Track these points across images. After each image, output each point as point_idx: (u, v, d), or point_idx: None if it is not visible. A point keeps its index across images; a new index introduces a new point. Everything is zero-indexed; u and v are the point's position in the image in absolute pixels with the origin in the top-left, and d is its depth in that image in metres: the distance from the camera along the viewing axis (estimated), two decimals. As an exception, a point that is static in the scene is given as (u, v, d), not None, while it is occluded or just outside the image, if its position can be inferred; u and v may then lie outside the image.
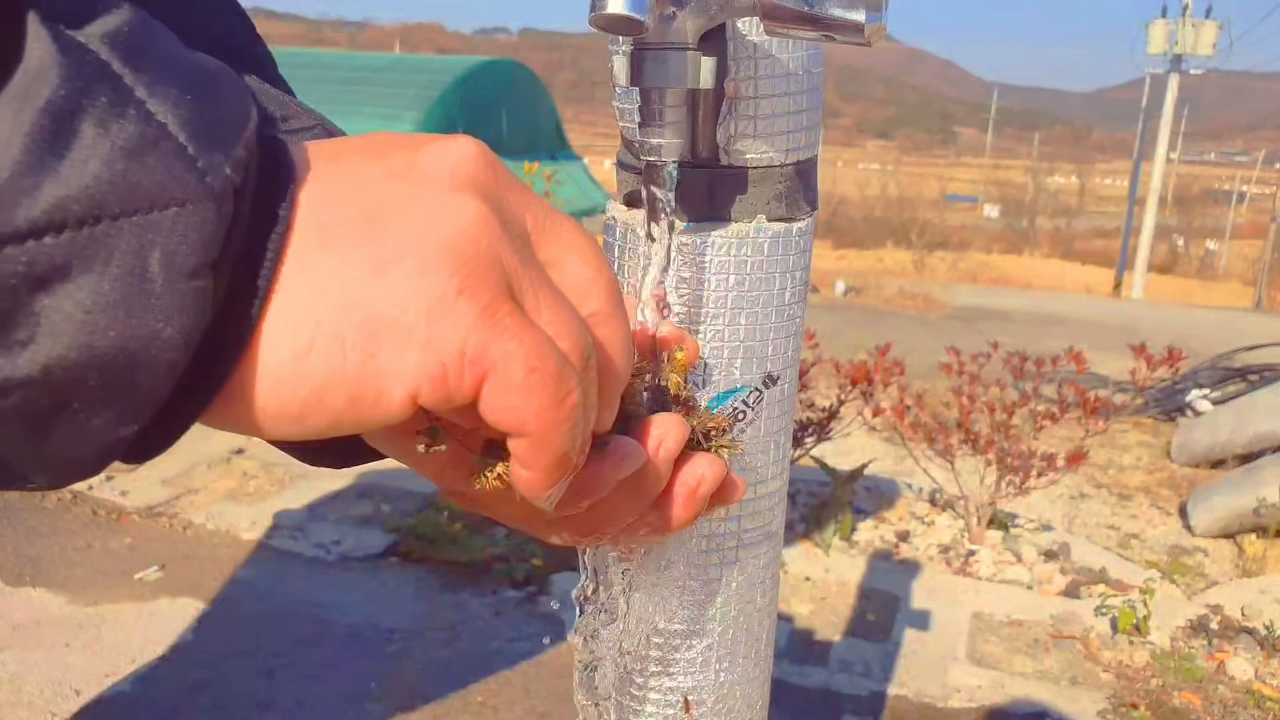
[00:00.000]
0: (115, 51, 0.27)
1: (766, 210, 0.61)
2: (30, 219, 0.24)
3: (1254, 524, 3.47)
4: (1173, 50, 21.99)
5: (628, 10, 0.46)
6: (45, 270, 0.25)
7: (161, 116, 0.27)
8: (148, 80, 0.27)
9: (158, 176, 0.26)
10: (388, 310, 0.30)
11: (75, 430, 0.27)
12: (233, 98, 0.30)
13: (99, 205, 0.25)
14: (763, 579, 0.69)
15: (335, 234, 0.31)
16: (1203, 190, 58.19)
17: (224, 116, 0.29)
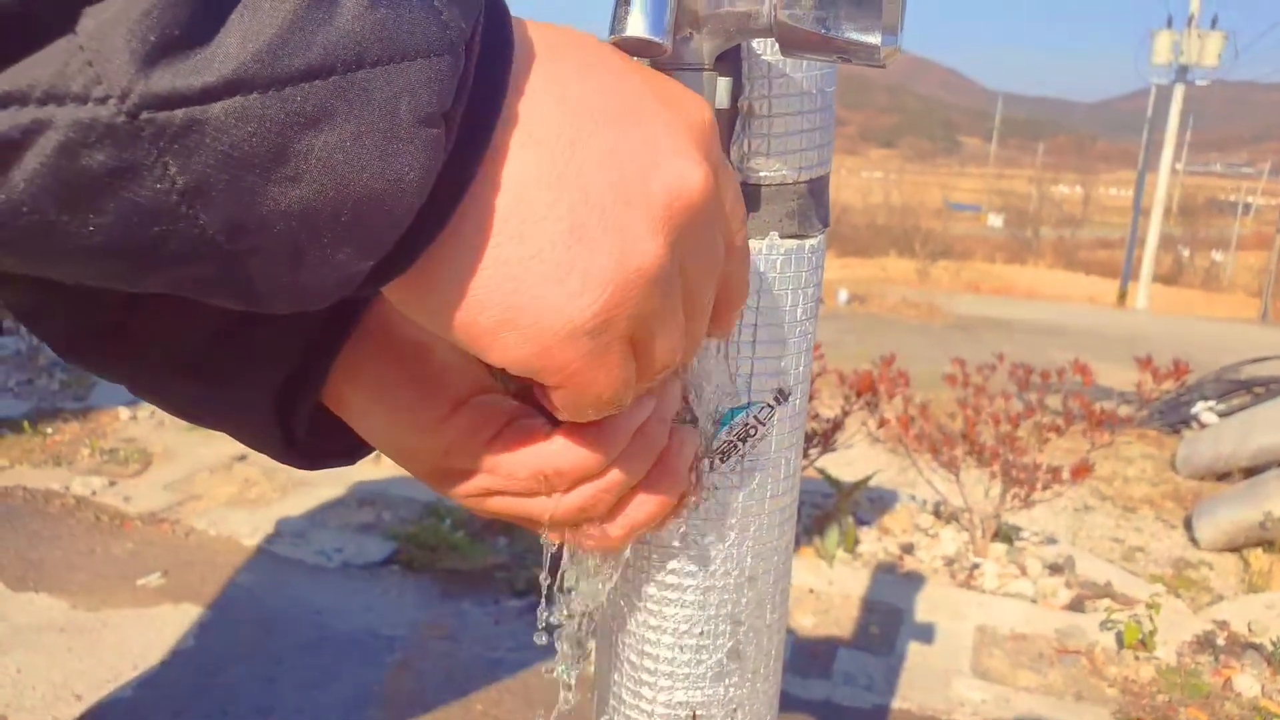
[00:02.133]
0: None
1: (779, 227, 0.61)
2: (307, 62, 0.26)
3: (1260, 538, 3.46)
4: (1178, 61, 22.00)
5: (647, 33, 0.46)
6: (315, 111, 0.27)
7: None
8: None
9: (410, 27, 0.28)
10: (531, 311, 0.33)
11: (323, 261, 0.29)
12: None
13: (361, 54, 0.27)
14: (773, 594, 0.69)
15: (565, 150, 0.33)
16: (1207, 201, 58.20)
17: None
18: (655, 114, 0.35)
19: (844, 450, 3.47)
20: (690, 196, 0.34)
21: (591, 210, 0.33)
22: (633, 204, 0.33)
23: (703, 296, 0.39)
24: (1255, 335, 10.34)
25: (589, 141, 0.33)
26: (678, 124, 0.36)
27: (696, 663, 0.67)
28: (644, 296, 0.34)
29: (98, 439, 3.67)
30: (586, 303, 0.33)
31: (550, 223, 0.32)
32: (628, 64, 0.37)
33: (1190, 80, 22.22)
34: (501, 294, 0.33)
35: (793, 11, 0.49)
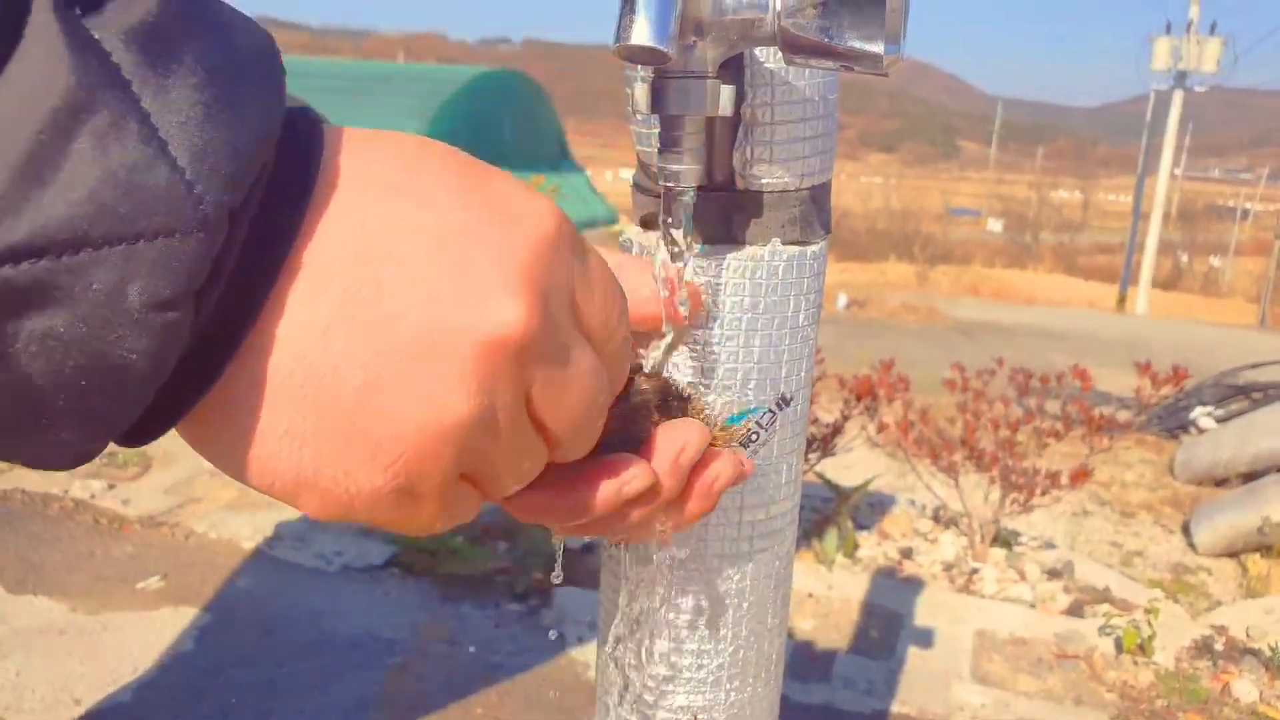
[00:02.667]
0: (132, 50, 0.25)
1: (781, 234, 0.62)
2: (10, 244, 0.23)
3: (1258, 543, 3.47)
4: (1177, 66, 22.04)
5: (652, 42, 0.46)
6: (21, 296, 0.24)
7: (165, 132, 0.25)
8: (160, 86, 0.25)
9: (148, 205, 0.25)
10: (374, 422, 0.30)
11: (47, 440, 0.27)
12: (260, 101, 0.28)
13: (83, 234, 0.24)
14: (774, 599, 0.70)
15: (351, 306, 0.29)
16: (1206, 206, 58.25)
17: (241, 128, 0.27)
18: (474, 244, 0.31)
19: (843, 454, 3.48)
20: (508, 338, 0.30)
21: (385, 368, 0.29)
22: (436, 355, 0.30)
23: (561, 416, 0.35)
24: (1254, 341, 10.35)
25: (387, 289, 0.29)
26: (502, 251, 0.31)
27: (698, 667, 0.68)
28: (456, 451, 0.31)
29: (97, 442, 3.67)
30: (381, 468, 0.30)
31: (336, 385, 0.29)
32: (449, 179, 0.32)
33: (1189, 86, 22.25)
34: (288, 464, 0.30)
35: (796, 20, 0.50)
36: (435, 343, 0.30)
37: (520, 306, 0.31)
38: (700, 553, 0.65)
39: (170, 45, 0.26)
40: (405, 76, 11.98)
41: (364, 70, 13.02)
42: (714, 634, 0.68)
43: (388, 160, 0.32)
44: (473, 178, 0.33)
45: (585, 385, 0.35)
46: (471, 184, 0.32)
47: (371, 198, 0.30)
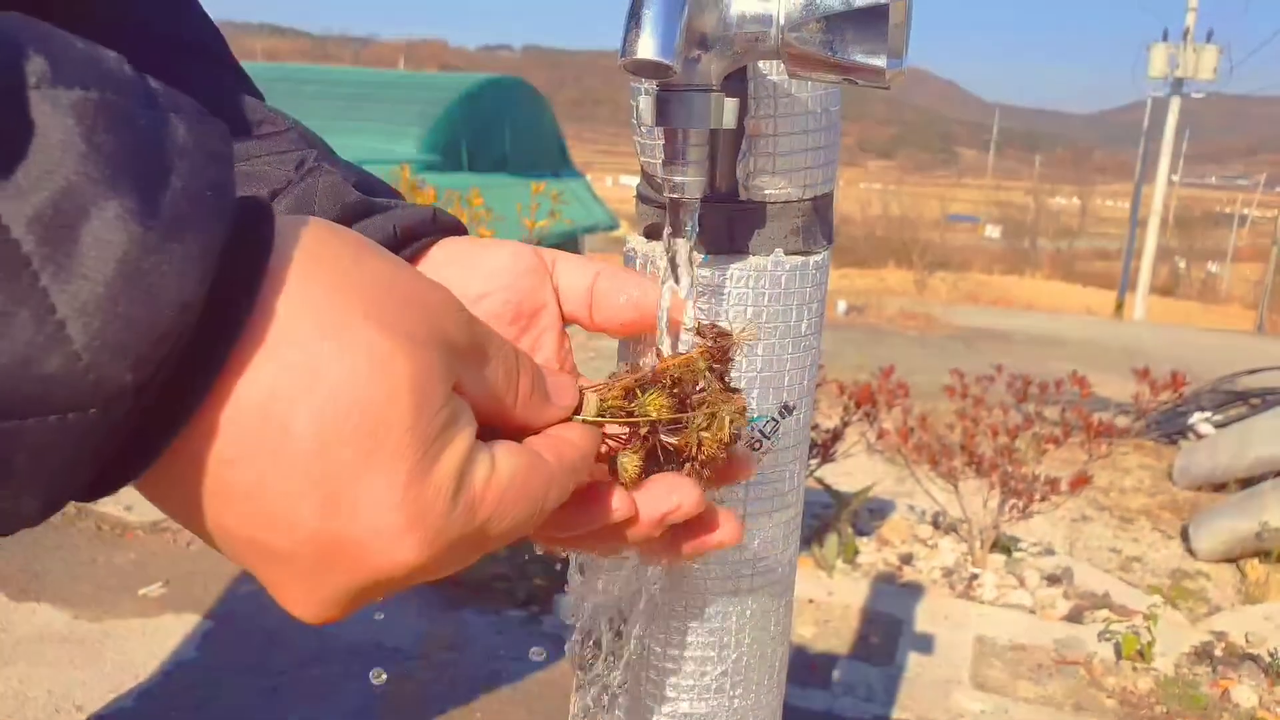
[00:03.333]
0: (36, 230, 0.24)
1: (784, 244, 0.63)
2: None
3: (1256, 548, 3.47)
4: (1174, 74, 22.09)
5: (657, 56, 0.47)
6: None
7: (63, 311, 0.25)
8: (65, 265, 0.25)
9: (40, 386, 0.25)
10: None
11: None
12: (182, 264, 0.27)
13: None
14: (776, 605, 0.70)
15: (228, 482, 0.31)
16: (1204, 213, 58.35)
17: (146, 312, 0.26)
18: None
19: (842, 460, 3.48)
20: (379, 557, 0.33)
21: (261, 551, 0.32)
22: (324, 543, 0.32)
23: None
24: (1251, 346, 10.36)
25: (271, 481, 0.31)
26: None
27: (701, 674, 0.68)
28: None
29: (98, 449, 3.67)
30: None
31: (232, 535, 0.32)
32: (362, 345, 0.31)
33: (1186, 93, 22.30)
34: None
35: (800, 34, 0.51)
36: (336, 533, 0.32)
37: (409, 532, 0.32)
38: (702, 560, 0.65)
39: (81, 216, 0.25)
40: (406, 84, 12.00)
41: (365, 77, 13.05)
42: (717, 640, 0.68)
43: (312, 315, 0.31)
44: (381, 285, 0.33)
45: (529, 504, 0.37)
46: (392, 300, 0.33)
47: (300, 342, 0.30)
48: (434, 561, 0.33)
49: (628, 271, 0.58)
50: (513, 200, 5.67)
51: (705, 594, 0.66)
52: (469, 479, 0.33)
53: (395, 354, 0.31)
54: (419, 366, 0.31)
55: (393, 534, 0.31)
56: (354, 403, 0.30)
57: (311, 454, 0.30)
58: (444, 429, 0.32)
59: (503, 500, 0.35)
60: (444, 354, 0.33)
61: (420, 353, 0.32)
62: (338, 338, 0.30)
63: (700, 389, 0.47)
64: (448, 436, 0.32)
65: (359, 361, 0.30)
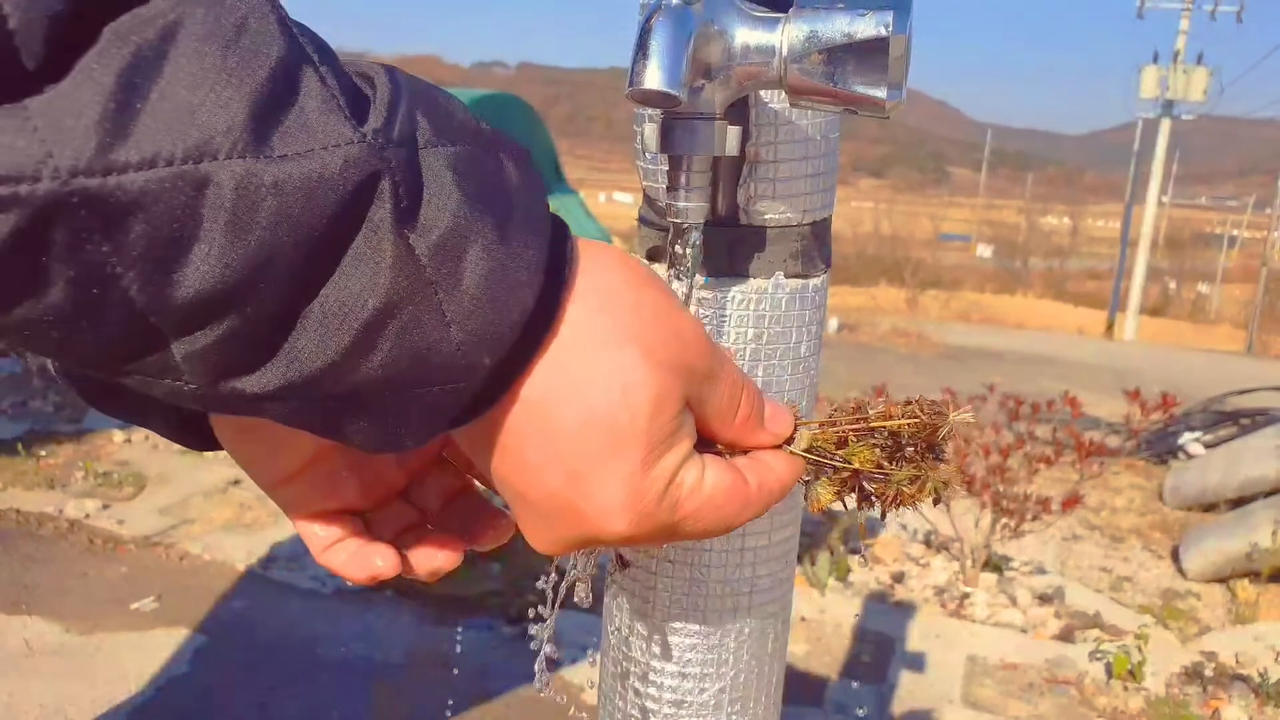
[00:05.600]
0: (435, 256, 0.34)
1: (784, 267, 0.64)
2: (339, 391, 0.35)
3: (1246, 568, 3.48)
4: (1164, 95, 22.23)
5: (664, 86, 0.48)
6: (342, 408, 0.36)
7: (451, 316, 0.35)
8: (454, 282, 0.35)
9: (433, 368, 0.35)
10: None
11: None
12: (524, 281, 0.37)
13: (383, 383, 0.35)
14: (775, 624, 0.71)
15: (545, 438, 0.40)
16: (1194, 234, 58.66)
17: (503, 316, 0.36)
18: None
19: (835, 479, 3.49)
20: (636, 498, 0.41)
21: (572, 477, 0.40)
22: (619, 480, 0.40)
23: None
24: (1241, 367, 10.40)
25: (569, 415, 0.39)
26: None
27: (700, 690, 0.69)
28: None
29: (92, 462, 3.66)
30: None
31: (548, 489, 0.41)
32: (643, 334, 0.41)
33: (1177, 114, 22.44)
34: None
35: (802, 66, 0.52)
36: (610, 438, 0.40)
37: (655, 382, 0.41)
38: (703, 578, 0.66)
39: (463, 245, 0.35)
40: (400, 99, 12.00)
41: (359, 93, 13.03)
42: (716, 658, 0.69)
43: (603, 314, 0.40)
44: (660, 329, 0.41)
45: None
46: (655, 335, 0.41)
47: (580, 352, 0.40)
48: (636, 536, 0.42)
49: None
50: (507, 216, 5.69)
51: (705, 612, 0.67)
52: (678, 481, 0.42)
53: (649, 379, 0.40)
54: (662, 389, 0.40)
55: (611, 510, 0.41)
56: (606, 412, 0.39)
57: (567, 440, 0.40)
58: (669, 437, 0.41)
59: (700, 508, 0.43)
60: (684, 379, 0.42)
61: (667, 378, 0.40)
62: (609, 357, 0.40)
63: (910, 449, 0.51)
64: (670, 442, 0.41)
65: (617, 379, 0.40)
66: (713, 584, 0.66)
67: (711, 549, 0.65)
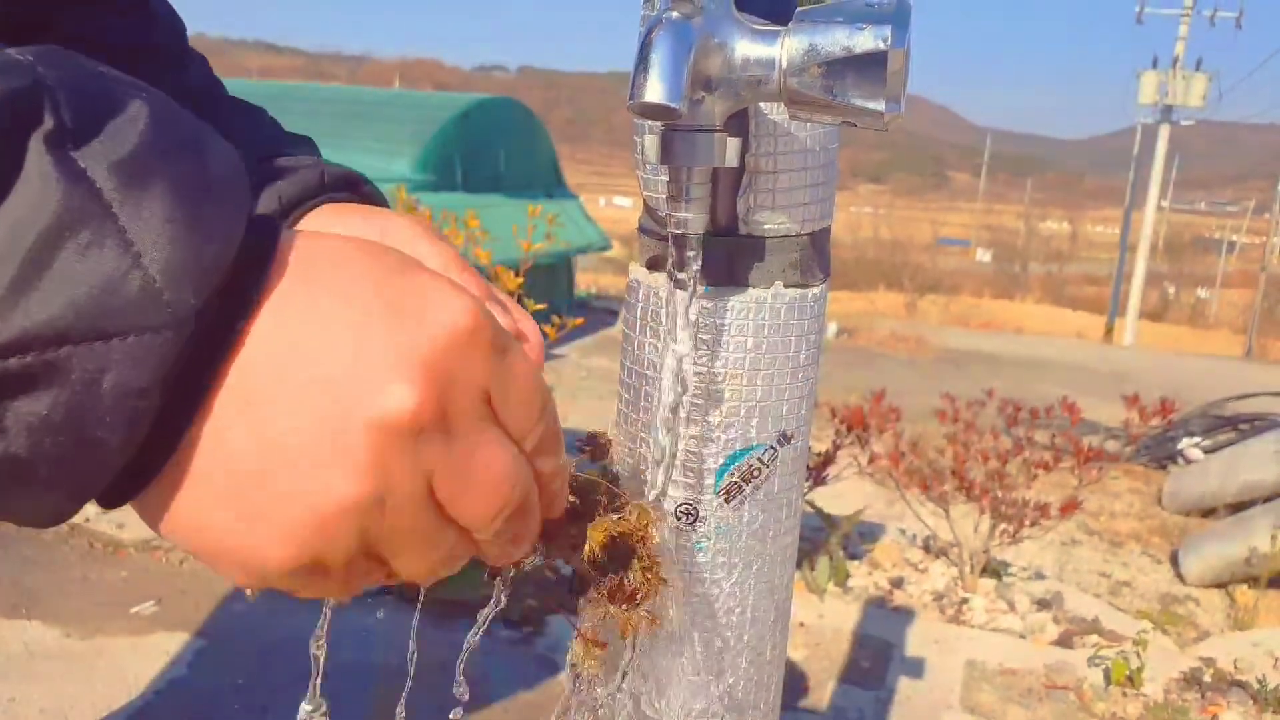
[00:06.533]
0: (115, 176, 0.29)
1: (783, 277, 0.64)
2: (5, 339, 0.28)
3: (1245, 574, 3.49)
4: (1163, 101, 22.27)
5: (664, 100, 0.49)
6: (12, 383, 0.28)
7: (140, 246, 0.29)
8: (137, 208, 0.29)
9: (122, 308, 0.29)
10: (289, 501, 0.33)
11: (30, 500, 0.31)
12: (225, 216, 0.32)
13: (63, 333, 0.28)
14: (772, 632, 0.71)
15: (269, 393, 0.33)
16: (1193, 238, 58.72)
17: (205, 245, 0.31)
18: (378, 336, 0.34)
19: (833, 483, 3.49)
20: (398, 420, 0.33)
21: (278, 456, 0.32)
22: (327, 439, 0.33)
23: (470, 507, 0.36)
24: (1240, 372, 10.42)
25: (288, 382, 0.33)
26: (403, 343, 0.34)
27: (698, 698, 0.69)
28: (355, 530, 0.34)
29: (90, 466, 3.66)
30: (279, 550, 0.33)
31: (244, 474, 0.33)
32: (369, 279, 0.35)
33: (1176, 120, 22.47)
34: (210, 539, 0.34)
35: (801, 78, 0.52)
36: (327, 427, 0.33)
37: (412, 391, 0.33)
38: (703, 585, 0.67)
39: (148, 172, 0.30)
40: (401, 102, 12.01)
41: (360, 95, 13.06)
42: (714, 666, 0.69)
43: (323, 265, 0.35)
44: (394, 277, 0.35)
45: (495, 477, 0.36)
46: (390, 283, 0.35)
47: (299, 301, 0.34)
48: None
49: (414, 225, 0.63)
50: (507, 220, 5.68)
51: (702, 619, 0.67)
52: None
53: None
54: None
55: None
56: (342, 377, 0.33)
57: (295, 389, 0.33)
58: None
59: None
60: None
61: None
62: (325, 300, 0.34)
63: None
64: None
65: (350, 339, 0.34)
66: (711, 589, 0.67)
67: (712, 558, 0.66)
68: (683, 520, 0.65)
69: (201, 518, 0.33)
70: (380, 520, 0.34)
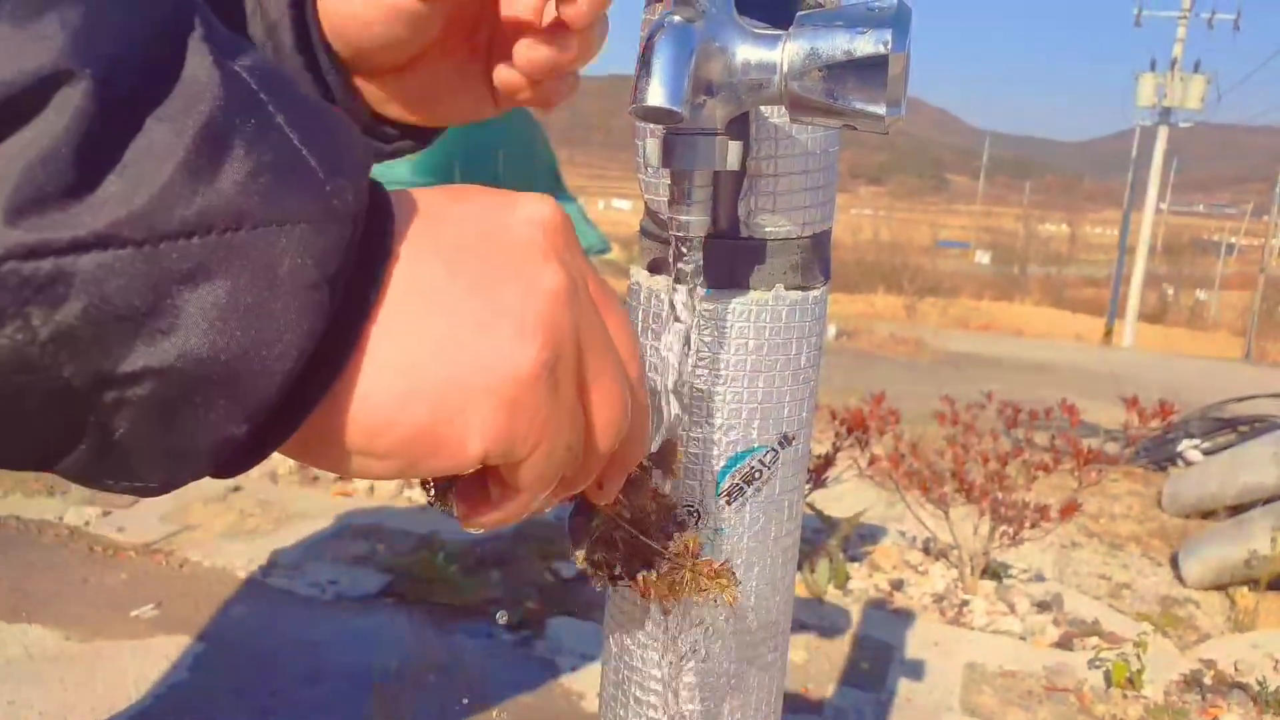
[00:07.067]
0: (261, 83, 0.30)
1: (784, 280, 0.64)
2: (183, 220, 0.27)
3: (1245, 576, 3.49)
4: (1162, 103, 22.30)
5: (666, 104, 0.49)
6: (190, 268, 0.28)
7: (299, 143, 0.30)
8: (286, 111, 0.30)
9: (293, 194, 0.29)
10: (481, 373, 0.33)
11: (194, 423, 0.29)
12: (348, 136, 0.33)
13: (241, 215, 0.28)
14: (774, 633, 0.72)
15: (437, 283, 0.34)
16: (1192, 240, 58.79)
17: (345, 150, 0.32)
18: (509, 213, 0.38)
19: (832, 485, 3.50)
20: (554, 218, 0.38)
21: (494, 264, 0.35)
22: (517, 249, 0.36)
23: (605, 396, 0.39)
24: (1239, 374, 10.43)
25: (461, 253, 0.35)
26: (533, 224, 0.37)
27: (701, 699, 0.70)
28: (571, 312, 0.36)
29: (90, 469, 3.66)
30: (529, 333, 0.34)
31: (453, 292, 0.34)
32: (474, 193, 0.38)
33: (1174, 122, 22.51)
34: (429, 386, 0.33)
35: (802, 82, 0.53)
36: (506, 235, 0.36)
37: (545, 200, 0.38)
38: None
39: (282, 87, 0.31)
40: (399, 106, 12.01)
41: (358, 100, 13.04)
42: (715, 667, 0.70)
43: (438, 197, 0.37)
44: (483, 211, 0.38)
45: (628, 347, 0.41)
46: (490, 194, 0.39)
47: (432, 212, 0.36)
48: None
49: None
50: (507, 224, 5.69)
51: (705, 620, 0.68)
52: None
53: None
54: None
55: None
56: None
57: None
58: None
59: None
60: None
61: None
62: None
63: None
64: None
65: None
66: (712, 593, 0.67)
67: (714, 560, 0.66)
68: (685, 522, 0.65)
69: (425, 388, 0.33)
70: (581, 310, 0.37)
